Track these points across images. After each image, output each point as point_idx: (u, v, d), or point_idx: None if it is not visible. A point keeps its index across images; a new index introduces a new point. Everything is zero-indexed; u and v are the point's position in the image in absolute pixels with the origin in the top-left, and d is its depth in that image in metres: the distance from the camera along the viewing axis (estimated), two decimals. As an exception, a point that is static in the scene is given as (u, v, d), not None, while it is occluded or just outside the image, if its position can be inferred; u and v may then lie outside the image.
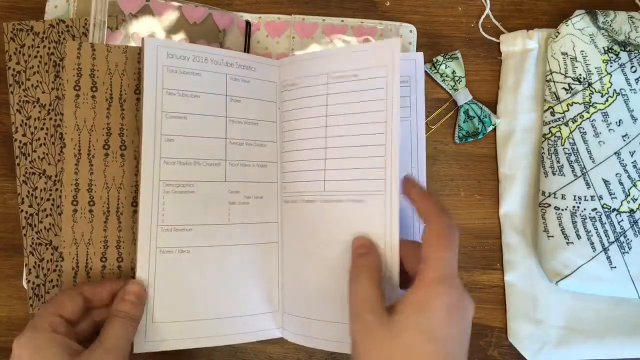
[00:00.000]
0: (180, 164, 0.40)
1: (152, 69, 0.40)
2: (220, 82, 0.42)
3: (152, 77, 0.40)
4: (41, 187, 0.43)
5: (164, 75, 0.40)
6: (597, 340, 0.45)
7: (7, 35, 0.43)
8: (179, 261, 0.40)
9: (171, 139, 0.40)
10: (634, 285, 0.43)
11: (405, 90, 0.46)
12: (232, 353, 0.46)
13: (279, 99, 0.44)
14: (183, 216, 0.40)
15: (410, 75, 0.46)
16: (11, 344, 0.45)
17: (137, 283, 0.39)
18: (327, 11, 0.49)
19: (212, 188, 0.41)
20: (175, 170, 0.40)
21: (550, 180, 0.45)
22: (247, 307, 0.42)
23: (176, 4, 0.45)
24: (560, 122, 0.45)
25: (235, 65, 0.42)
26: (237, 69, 0.43)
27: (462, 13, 0.49)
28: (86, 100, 0.42)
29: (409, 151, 0.46)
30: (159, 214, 0.39)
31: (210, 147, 0.41)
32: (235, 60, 0.43)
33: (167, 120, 0.40)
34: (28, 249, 0.42)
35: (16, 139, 0.43)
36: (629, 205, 0.44)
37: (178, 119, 0.40)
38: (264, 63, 0.44)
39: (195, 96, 0.41)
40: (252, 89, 0.43)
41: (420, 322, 0.32)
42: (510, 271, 0.46)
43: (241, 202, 0.42)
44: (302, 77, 0.43)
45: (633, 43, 0.45)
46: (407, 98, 0.45)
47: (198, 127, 0.41)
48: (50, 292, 0.42)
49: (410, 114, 0.45)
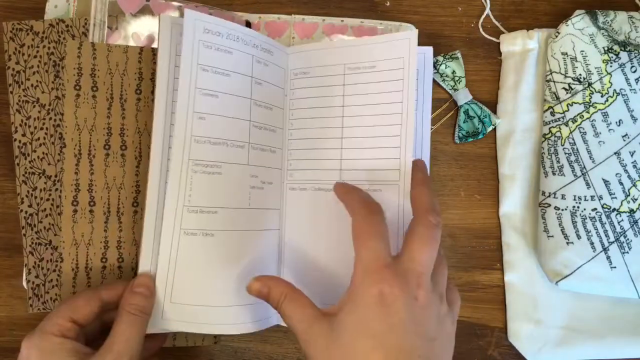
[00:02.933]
0: (210, 143, 0.39)
1: (189, 43, 0.38)
2: (247, 62, 0.41)
3: (188, 51, 0.38)
4: (41, 187, 0.43)
5: (199, 51, 0.39)
6: (597, 340, 0.45)
7: (7, 35, 0.43)
8: (202, 244, 0.39)
9: (203, 117, 0.39)
10: (634, 285, 0.43)
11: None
12: (232, 353, 0.46)
13: (288, 86, 0.44)
14: (210, 198, 0.39)
15: (418, 69, 0.45)
16: (11, 344, 0.45)
17: (146, 275, 0.38)
18: (327, 11, 0.49)
19: (236, 170, 0.40)
20: (206, 150, 0.39)
21: (550, 180, 0.45)
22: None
23: (176, 4, 0.45)
24: (560, 122, 0.45)
25: (259, 47, 0.42)
26: (261, 52, 0.42)
27: (462, 13, 0.49)
28: (87, 100, 0.42)
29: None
30: (186, 194, 0.38)
31: (237, 129, 0.40)
32: (260, 42, 0.42)
33: (200, 98, 0.39)
34: (28, 248, 0.42)
35: (16, 139, 0.43)
36: (629, 205, 0.44)
37: (211, 96, 0.39)
38: (279, 49, 0.44)
39: (227, 75, 0.40)
40: (270, 73, 0.43)
41: (354, 319, 0.32)
42: (510, 271, 0.46)
43: (259, 187, 0.41)
44: (315, 67, 0.43)
45: (633, 43, 0.45)
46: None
47: (227, 107, 0.40)
48: (50, 292, 0.42)
49: (416, 107, 0.44)
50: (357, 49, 0.42)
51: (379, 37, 0.44)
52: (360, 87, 0.42)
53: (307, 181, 0.43)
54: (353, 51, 0.42)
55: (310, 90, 0.44)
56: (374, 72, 0.42)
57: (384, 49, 0.41)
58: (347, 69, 0.42)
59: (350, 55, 0.42)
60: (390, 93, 0.41)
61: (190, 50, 0.39)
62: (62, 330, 0.35)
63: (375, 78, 0.42)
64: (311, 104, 0.43)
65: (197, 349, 0.46)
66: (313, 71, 0.43)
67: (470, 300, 0.47)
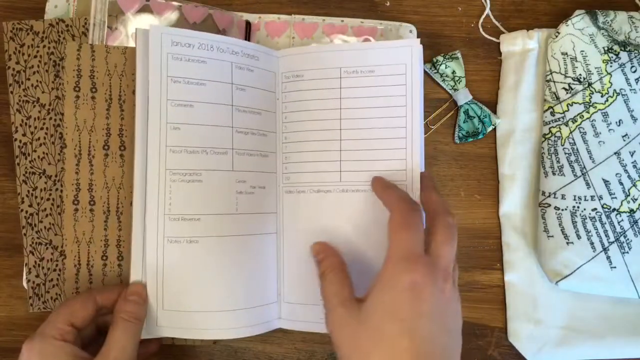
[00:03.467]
0: (187, 152, 0.40)
1: (157, 56, 0.40)
2: (225, 70, 0.42)
3: (156, 64, 0.39)
4: (41, 187, 0.43)
5: (168, 63, 0.40)
6: (597, 340, 0.45)
7: (7, 35, 0.43)
8: (187, 251, 0.40)
9: (177, 127, 0.40)
10: (634, 285, 0.43)
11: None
12: (232, 353, 0.46)
13: (280, 89, 0.44)
14: (191, 205, 0.40)
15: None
16: (11, 344, 0.45)
17: (137, 284, 0.39)
18: (327, 11, 0.49)
19: (219, 177, 0.41)
20: (182, 159, 0.40)
21: (550, 180, 0.45)
22: (254, 298, 0.42)
23: (176, 4, 0.45)
24: (560, 122, 0.45)
25: (240, 53, 0.42)
26: (242, 58, 0.42)
27: (462, 13, 0.49)
28: (86, 101, 0.42)
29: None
30: (166, 202, 0.39)
31: (217, 136, 0.41)
32: (240, 48, 0.42)
33: (173, 109, 0.40)
34: (28, 248, 0.42)
35: (16, 139, 0.43)
36: (629, 205, 0.44)
37: (184, 107, 0.40)
38: (266, 53, 0.44)
39: (201, 84, 0.41)
40: (256, 78, 0.43)
41: (384, 303, 0.33)
42: (510, 271, 0.46)
43: (247, 192, 0.42)
44: (310, 70, 0.43)
45: (633, 43, 0.45)
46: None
47: (205, 115, 0.41)
48: (50, 292, 0.42)
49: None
50: (354, 53, 0.43)
51: (376, 43, 0.44)
52: (358, 90, 0.42)
53: (305, 184, 0.43)
54: (349, 55, 0.43)
55: (305, 93, 0.44)
56: (373, 77, 0.42)
57: (383, 55, 0.42)
58: (344, 72, 0.43)
59: (347, 59, 0.43)
60: (393, 97, 0.42)
61: (159, 63, 0.39)
62: (62, 333, 0.36)
63: (374, 82, 0.42)
64: (306, 107, 0.43)
65: (197, 348, 0.46)
66: (307, 74, 0.43)
67: (470, 300, 0.47)
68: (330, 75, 0.43)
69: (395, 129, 0.41)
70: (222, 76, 0.41)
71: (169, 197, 0.39)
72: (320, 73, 0.43)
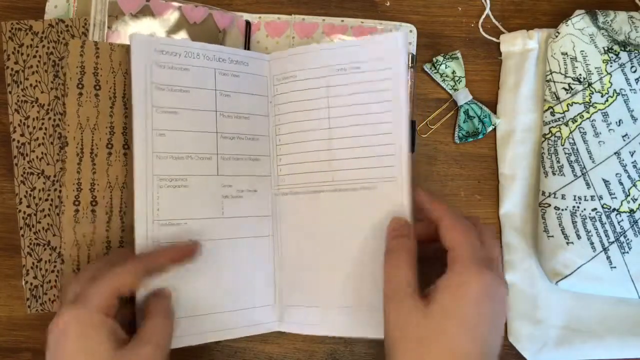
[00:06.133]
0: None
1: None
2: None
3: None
4: (39, 187, 0.43)
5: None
6: (597, 340, 0.45)
7: (6, 35, 0.43)
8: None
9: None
10: (634, 285, 0.43)
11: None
12: (232, 353, 0.46)
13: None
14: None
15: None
16: (11, 344, 0.45)
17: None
18: (327, 11, 0.49)
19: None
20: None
21: (550, 180, 0.45)
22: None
23: (176, 4, 0.45)
24: (560, 122, 0.45)
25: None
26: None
27: (462, 13, 0.49)
28: (89, 98, 0.41)
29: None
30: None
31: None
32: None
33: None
34: (26, 249, 0.42)
35: (14, 139, 0.43)
36: (629, 205, 0.44)
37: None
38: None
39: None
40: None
41: (453, 307, 0.33)
42: (510, 271, 0.46)
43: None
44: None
45: (633, 43, 0.45)
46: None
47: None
48: (48, 293, 0.42)
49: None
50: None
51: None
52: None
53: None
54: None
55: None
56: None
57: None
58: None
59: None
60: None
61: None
62: (107, 306, 0.33)
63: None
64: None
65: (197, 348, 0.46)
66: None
67: (471, 300, 0.47)
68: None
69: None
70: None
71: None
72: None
